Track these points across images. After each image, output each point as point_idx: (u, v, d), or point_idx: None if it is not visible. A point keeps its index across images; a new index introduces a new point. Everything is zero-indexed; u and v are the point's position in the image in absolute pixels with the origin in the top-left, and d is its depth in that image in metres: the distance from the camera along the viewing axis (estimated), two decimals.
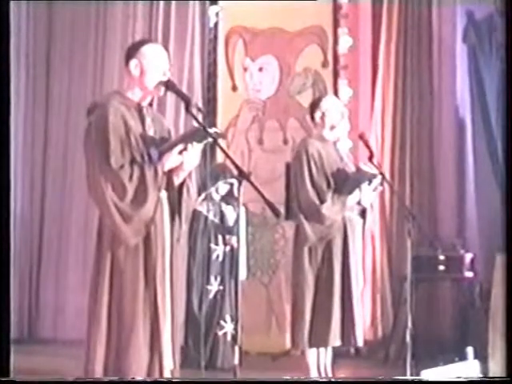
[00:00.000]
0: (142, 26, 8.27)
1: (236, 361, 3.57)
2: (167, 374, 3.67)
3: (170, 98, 7.56)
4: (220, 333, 6.50)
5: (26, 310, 8.37)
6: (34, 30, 8.62)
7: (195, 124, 3.68)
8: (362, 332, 5.31)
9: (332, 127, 5.37)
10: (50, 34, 8.70)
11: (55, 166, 8.58)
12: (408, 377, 4.91)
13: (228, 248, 6.62)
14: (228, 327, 6.51)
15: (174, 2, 8.19)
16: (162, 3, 8.22)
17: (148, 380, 3.63)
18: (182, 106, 3.75)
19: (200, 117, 3.72)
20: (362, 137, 5.43)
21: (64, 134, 8.51)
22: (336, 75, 7.69)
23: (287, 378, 5.30)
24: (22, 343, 7.38)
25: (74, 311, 7.89)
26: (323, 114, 5.37)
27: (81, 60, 8.55)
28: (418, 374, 5.03)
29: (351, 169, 5.39)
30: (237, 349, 3.61)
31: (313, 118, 5.43)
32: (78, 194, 8.04)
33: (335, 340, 5.18)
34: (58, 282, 8.41)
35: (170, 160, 3.67)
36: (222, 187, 6.63)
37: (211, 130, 3.64)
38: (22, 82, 8.46)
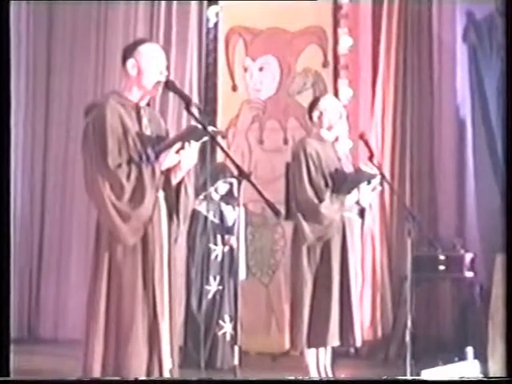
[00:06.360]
0: (143, 26, 8.27)
1: (236, 361, 3.58)
2: (166, 374, 3.67)
3: (172, 97, 7.58)
4: (219, 333, 6.50)
5: (26, 310, 8.38)
6: (35, 30, 8.62)
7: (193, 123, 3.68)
8: (360, 332, 5.31)
9: (330, 127, 5.37)
10: (50, 35, 8.71)
11: (55, 166, 8.59)
12: (408, 377, 4.91)
13: (227, 248, 6.62)
14: (227, 327, 6.52)
15: (174, 2, 8.20)
16: (162, 3, 8.23)
17: (147, 380, 3.64)
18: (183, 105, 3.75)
19: (200, 116, 3.72)
20: (362, 137, 5.44)
21: (64, 134, 8.51)
22: (336, 75, 7.69)
23: (287, 377, 5.29)
24: (22, 343, 7.37)
25: (74, 311, 7.89)
26: (321, 113, 5.37)
27: (81, 60, 8.55)
28: (418, 374, 5.02)
29: (349, 169, 5.39)
30: (236, 349, 3.62)
31: (311, 117, 5.44)
32: (78, 193, 8.03)
33: (334, 340, 5.18)
34: (58, 281, 8.42)
35: (168, 159, 3.68)
36: (222, 187, 6.64)
37: (209, 129, 3.64)
38: (22, 82, 8.47)
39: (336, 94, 7.36)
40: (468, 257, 6.85)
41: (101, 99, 3.91)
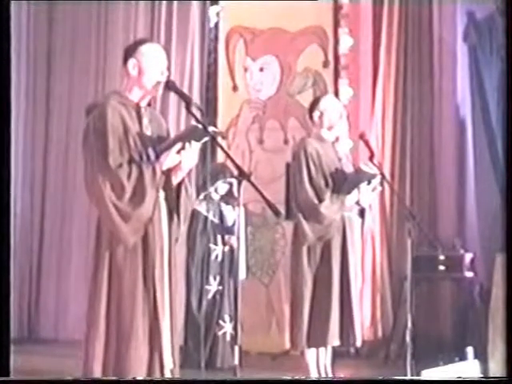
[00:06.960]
0: (143, 26, 8.27)
1: (236, 361, 3.57)
2: (167, 374, 3.67)
3: (172, 97, 7.58)
4: (219, 333, 6.50)
5: (25, 310, 8.38)
6: (35, 30, 8.62)
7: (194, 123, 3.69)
8: (360, 332, 5.31)
9: (330, 127, 5.37)
10: (50, 34, 8.71)
11: (56, 166, 8.59)
12: (408, 377, 4.91)
13: (227, 248, 6.62)
14: (227, 327, 6.52)
15: (175, 2, 8.20)
16: (163, 3, 8.23)
17: (148, 380, 3.64)
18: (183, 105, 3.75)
19: (200, 116, 3.72)
20: (362, 137, 5.44)
21: (65, 134, 8.51)
22: (337, 75, 7.69)
23: (287, 377, 5.30)
24: (22, 343, 7.37)
25: (75, 311, 7.89)
26: (321, 113, 5.37)
27: (82, 60, 8.54)
28: (418, 374, 5.03)
29: (350, 169, 5.39)
30: (236, 349, 3.61)
31: (311, 117, 5.44)
32: (78, 193, 8.03)
33: (334, 340, 5.17)
34: (58, 281, 8.41)
35: (168, 159, 3.68)
36: (222, 187, 6.64)
37: (210, 129, 3.64)
38: (22, 82, 8.46)
39: (336, 93, 7.37)
40: (468, 257, 6.85)
41: (101, 99, 3.91)
